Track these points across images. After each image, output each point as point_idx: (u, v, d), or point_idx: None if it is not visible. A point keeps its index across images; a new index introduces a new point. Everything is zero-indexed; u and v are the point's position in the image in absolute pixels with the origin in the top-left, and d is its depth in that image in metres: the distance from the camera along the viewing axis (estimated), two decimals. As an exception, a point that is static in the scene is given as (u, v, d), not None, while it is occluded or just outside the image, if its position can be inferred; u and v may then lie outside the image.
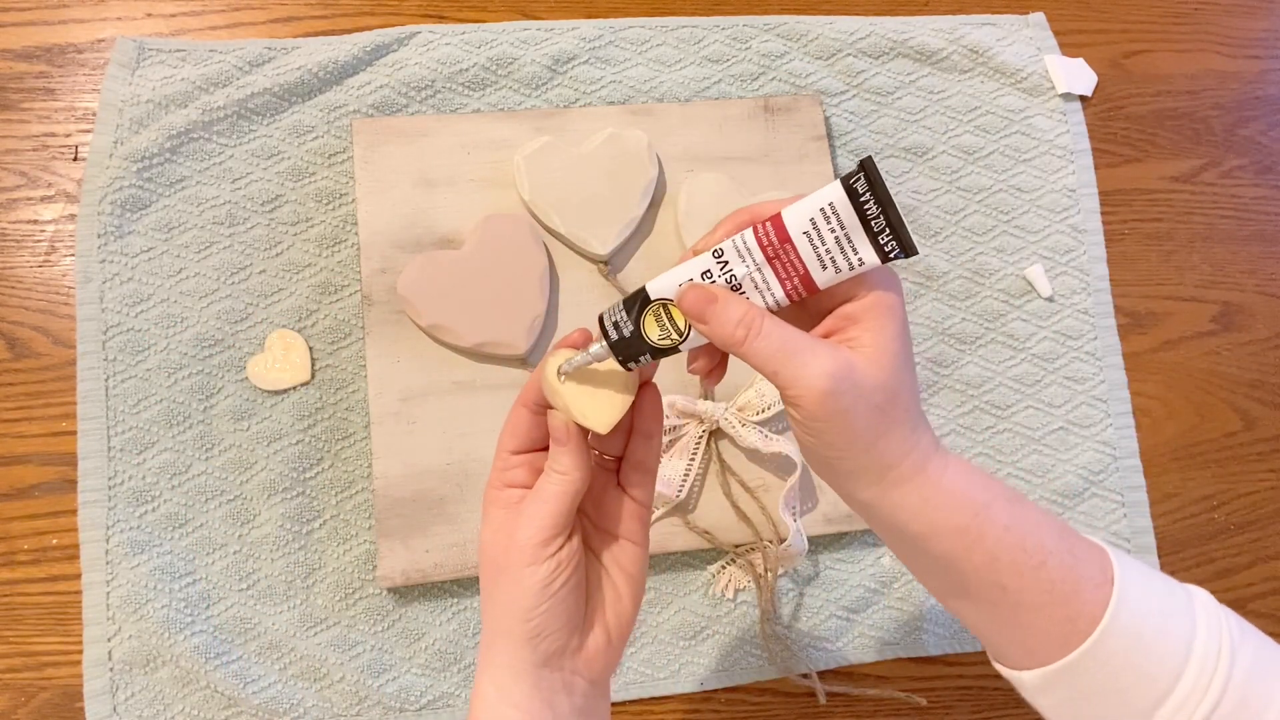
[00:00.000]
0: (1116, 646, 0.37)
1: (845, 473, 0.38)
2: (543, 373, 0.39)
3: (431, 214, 0.66)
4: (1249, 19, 0.85)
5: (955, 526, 0.38)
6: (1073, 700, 0.38)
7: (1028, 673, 0.39)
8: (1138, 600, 0.37)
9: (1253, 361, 0.75)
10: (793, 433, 0.40)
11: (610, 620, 0.41)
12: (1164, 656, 0.37)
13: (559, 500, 0.39)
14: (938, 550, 0.38)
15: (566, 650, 0.40)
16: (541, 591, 0.38)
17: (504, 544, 0.39)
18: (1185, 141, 0.80)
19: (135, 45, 0.68)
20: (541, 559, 0.38)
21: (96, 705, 0.57)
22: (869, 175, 0.34)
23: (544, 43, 0.73)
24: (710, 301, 0.36)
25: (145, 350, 0.63)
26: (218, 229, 0.65)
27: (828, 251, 0.35)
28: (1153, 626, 0.37)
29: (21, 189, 0.66)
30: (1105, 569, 0.38)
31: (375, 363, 0.63)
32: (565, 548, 0.39)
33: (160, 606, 0.58)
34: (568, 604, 0.39)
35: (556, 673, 0.40)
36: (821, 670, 0.64)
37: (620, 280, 0.67)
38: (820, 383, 0.35)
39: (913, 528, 0.38)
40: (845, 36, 0.76)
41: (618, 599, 0.41)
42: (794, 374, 0.35)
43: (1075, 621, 0.37)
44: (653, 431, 0.43)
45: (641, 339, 0.37)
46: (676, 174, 0.69)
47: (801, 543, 0.62)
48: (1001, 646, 0.40)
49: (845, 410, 0.36)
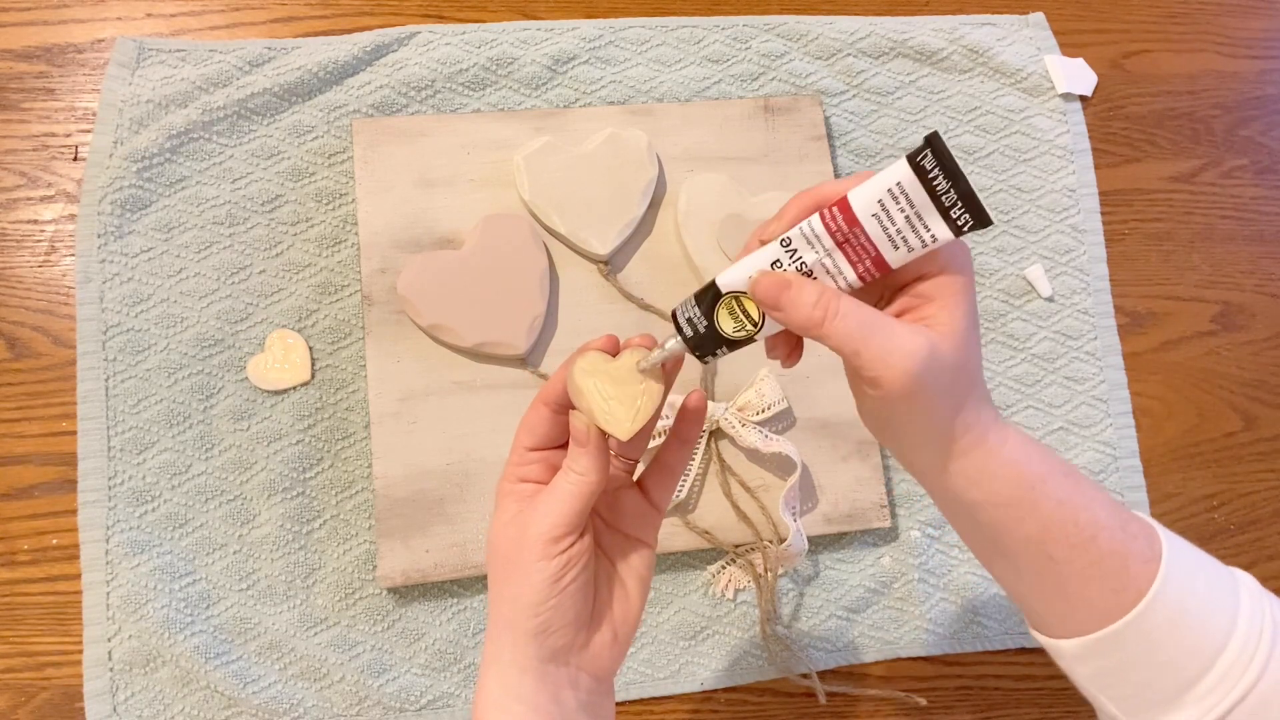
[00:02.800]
0: (1159, 620, 0.37)
1: (911, 445, 0.39)
2: (569, 374, 0.39)
3: (431, 214, 0.66)
4: (1249, 19, 0.85)
5: (1010, 498, 0.38)
6: (1111, 670, 0.38)
7: (1067, 641, 0.39)
8: (1183, 577, 0.38)
9: (1253, 361, 0.75)
10: (858, 406, 0.40)
11: (618, 618, 0.41)
12: (1205, 634, 0.37)
13: (574, 500, 0.39)
14: (990, 518, 0.39)
15: (573, 647, 0.40)
16: (551, 586, 0.38)
17: (515, 537, 0.39)
18: (1185, 141, 0.80)
19: (135, 45, 0.68)
20: (552, 555, 0.38)
21: (96, 705, 0.57)
22: (936, 150, 0.33)
23: (544, 43, 0.73)
24: (784, 288, 0.36)
25: (145, 350, 0.63)
26: (218, 229, 0.65)
27: (898, 231, 0.35)
28: (1196, 604, 0.38)
29: (21, 189, 0.66)
30: (1154, 545, 0.38)
31: (375, 363, 0.63)
32: (576, 545, 0.39)
33: (160, 606, 0.58)
34: (576, 600, 0.39)
35: (562, 668, 0.40)
36: (821, 670, 0.64)
37: (620, 280, 0.67)
38: (904, 362, 0.35)
39: (969, 496, 0.39)
40: (845, 36, 0.76)
41: (625, 598, 0.42)
42: (875, 354, 0.36)
43: (1121, 594, 0.37)
44: (689, 438, 0.43)
45: (716, 333, 0.38)
46: (676, 174, 0.69)
47: (801, 543, 0.62)
48: (1043, 615, 0.41)
49: (925, 389, 0.36)
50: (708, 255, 0.66)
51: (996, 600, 0.67)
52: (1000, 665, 0.66)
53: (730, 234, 0.67)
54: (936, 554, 0.67)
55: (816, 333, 0.36)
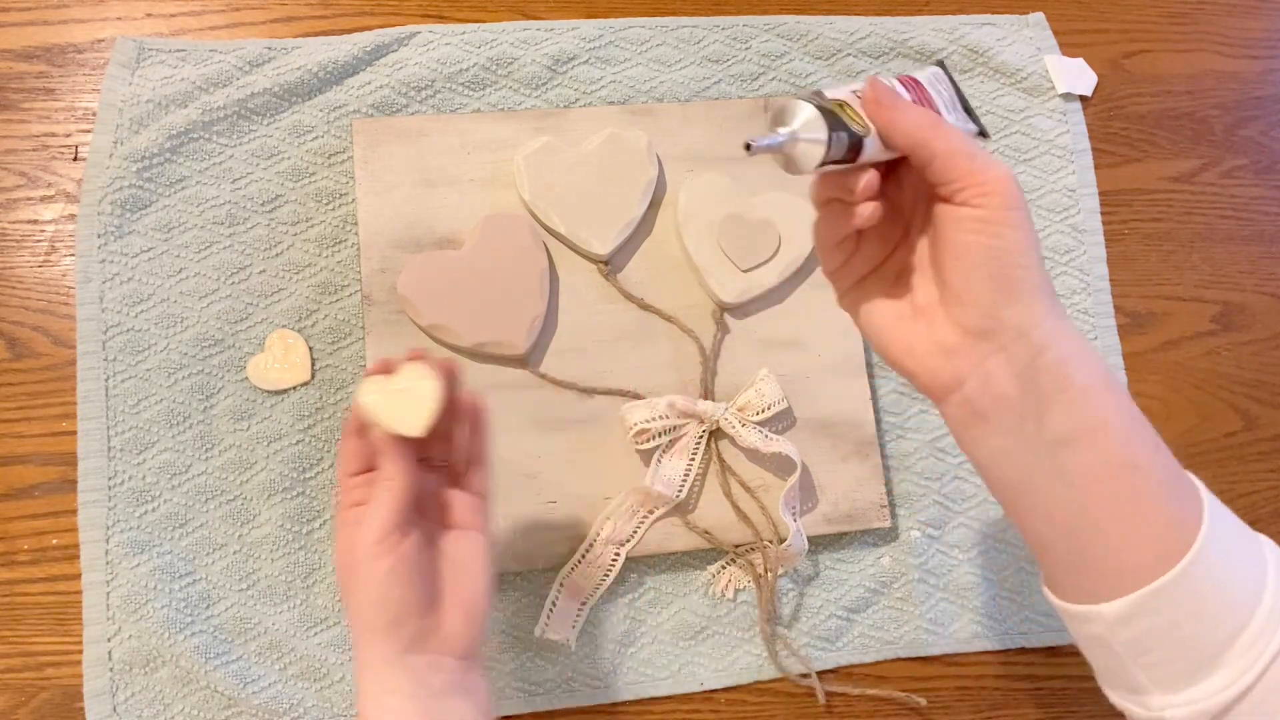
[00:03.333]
0: (1204, 575, 0.37)
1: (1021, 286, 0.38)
2: (355, 402, 0.45)
3: (431, 214, 0.66)
4: (1249, 19, 0.85)
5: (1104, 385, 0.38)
6: (1156, 631, 0.38)
7: (1109, 604, 0.38)
8: (1223, 533, 0.38)
9: (1253, 361, 0.75)
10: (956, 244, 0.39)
11: (466, 601, 0.45)
12: (1243, 591, 0.37)
13: (391, 502, 0.43)
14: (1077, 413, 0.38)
15: (426, 633, 0.44)
16: (387, 579, 0.43)
17: (349, 552, 0.44)
18: (1185, 141, 0.80)
19: (135, 45, 0.68)
20: (382, 555, 0.43)
21: (96, 705, 0.57)
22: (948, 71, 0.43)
23: (544, 43, 0.73)
24: (894, 95, 0.38)
25: (145, 350, 0.63)
26: (218, 229, 0.65)
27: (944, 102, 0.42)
28: (1236, 557, 0.38)
29: (21, 189, 0.66)
30: (1196, 495, 0.39)
31: (375, 363, 0.63)
32: (404, 543, 0.43)
33: (160, 606, 0.58)
34: (416, 588, 0.44)
35: (422, 655, 0.44)
36: (821, 670, 0.64)
37: (620, 280, 0.67)
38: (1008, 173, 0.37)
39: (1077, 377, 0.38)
40: (845, 36, 0.76)
41: (469, 581, 0.46)
42: (982, 165, 0.37)
43: (1172, 546, 0.37)
44: (477, 427, 0.48)
45: (837, 116, 0.37)
46: (676, 174, 0.69)
47: (801, 543, 0.62)
48: (1084, 573, 0.39)
49: (1026, 206, 0.37)
50: (708, 255, 0.67)
51: (996, 600, 0.67)
52: (1000, 665, 0.66)
53: (730, 234, 0.67)
54: (936, 554, 0.67)
55: (926, 135, 0.37)
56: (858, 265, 0.43)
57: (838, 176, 0.40)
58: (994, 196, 0.37)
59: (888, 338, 0.42)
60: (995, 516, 0.68)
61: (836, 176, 0.40)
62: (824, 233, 0.42)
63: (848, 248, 0.42)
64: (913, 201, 0.42)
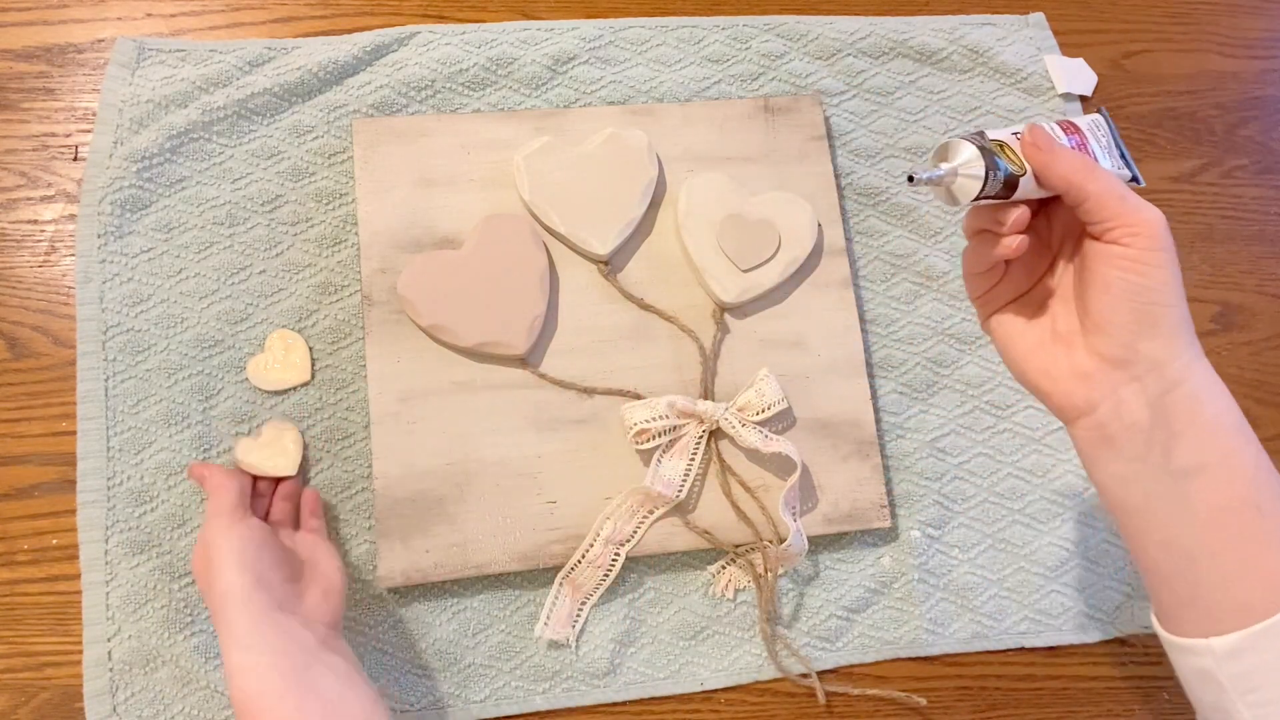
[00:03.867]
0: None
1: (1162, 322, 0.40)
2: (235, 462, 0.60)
3: (431, 214, 0.66)
4: (1249, 19, 0.85)
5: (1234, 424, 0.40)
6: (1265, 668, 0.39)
7: (1220, 638, 0.39)
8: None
9: (1253, 361, 0.75)
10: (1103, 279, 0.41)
11: (323, 577, 0.54)
12: None
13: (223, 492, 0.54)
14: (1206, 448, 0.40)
15: (291, 598, 0.50)
16: (242, 543, 0.50)
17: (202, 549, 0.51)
18: (1185, 141, 0.80)
19: (135, 45, 0.68)
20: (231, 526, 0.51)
21: (96, 705, 0.57)
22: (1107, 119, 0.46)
23: (544, 43, 0.73)
24: (1051, 139, 0.41)
25: (145, 350, 0.62)
26: (218, 229, 0.65)
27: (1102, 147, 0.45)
28: None
29: (21, 189, 0.66)
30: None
31: (375, 363, 0.63)
32: (248, 519, 0.53)
33: (160, 606, 0.58)
34: (274, 551, 0.52)
35: (292, 615, 0.48)
36: (821, 670, 0.64)
37: (620, 280, 0.67)
38: (1158, 216, 0.40)
39: (1207, 411, 0.40)
40: (845, 36, 0.76)
41: (323, 560, 0.55)
42: (1133, 206, 0.40)
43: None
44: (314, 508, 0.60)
45: (995, 155, 0.41)
46: (676, 174, 0.69)
47: (801, 543, 0.62)
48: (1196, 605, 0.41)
49: (1172, 248, 0.40)
50: (708, 255, 0.66)
51: (996, 600, 0.67)
52: (1000, 665, 0.66)
53: (730, 234, 0.67)
54: (936, 554, 0.67)
55: (1079, 178, 0.40)
56: (1003, 292, 0.46)
57: (990, 210, 0.43)
58: (1143, 237, 0.39)
59: (1026, 360, 0.45)
60: (995, 516, 0.68)
61: (989, 209, 0.43)
62: (972, 260, 0.45)
63: (994, 275, 0.45)
64: (1060, 236, 0.45)
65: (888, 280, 0.72)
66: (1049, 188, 0.42)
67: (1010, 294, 0.46)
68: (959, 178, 0.41)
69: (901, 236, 0.73)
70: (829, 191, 0.71)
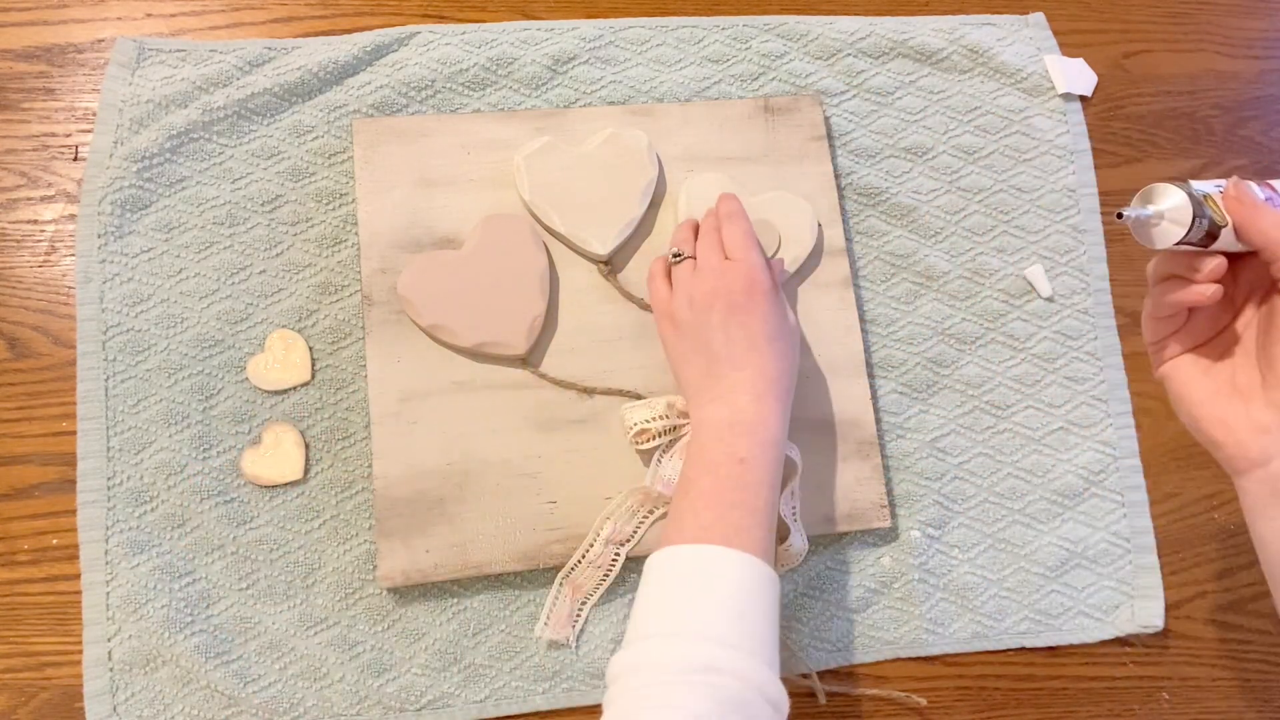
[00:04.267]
0: None
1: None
2: (242, 474, 0.61)
3: (431, 214, 0.66)
4: (1249, 19, 0.85)
5: None
6: None
7: None
8: None
9: None
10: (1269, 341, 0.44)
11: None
12: None
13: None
14: None
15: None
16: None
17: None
18: (1185, 141, 0.80)
19: (135, 45, 0.68)
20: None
21: (96, 705, 0.57)
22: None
23: (544, 43, 0.73)
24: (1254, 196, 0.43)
25: (145, 350, 0.63)
26: (218, 229, 0.65)
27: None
28: None
29: (21, 189, 0.66)
30: None
31: (375, 363, 0.63)
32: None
33: (160, 606, 0.58)
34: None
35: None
36: (821, 670, 0.64)
37: (620, 280, 0.67)
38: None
39: None
40: (845, 36, 0.76)
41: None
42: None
43: None
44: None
45: (1201, 204, 0.42)
46: (676, 174, 0.69)
47: (802, 543, 0.62)
48: None
49: None
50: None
51: (996, 600, 0.67)
52: (1000, 665, 0.66)
53: (730, 234, 0.67)
54: (936, 554, 0.67)
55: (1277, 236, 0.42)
56: (1180, 339, 0.48)
57: (1185, 256, 0.44)
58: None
59: (1201, 408, 0.46)
60: (995, 516, 0.68)
61: (1185, 256, 0.45)
62: (1157, 304, 0.46)
63: (1175, 322, 0.46)
64: (1247, 290, 0.47)
65: (888, 280, 0.72)
66: (1247, 242, 0.43)
67: (1188, 342, 0.47)
68: (1164, 222, 0.43)
69: (901, 236, 0.73)
70: (829, 191, 0.71)
